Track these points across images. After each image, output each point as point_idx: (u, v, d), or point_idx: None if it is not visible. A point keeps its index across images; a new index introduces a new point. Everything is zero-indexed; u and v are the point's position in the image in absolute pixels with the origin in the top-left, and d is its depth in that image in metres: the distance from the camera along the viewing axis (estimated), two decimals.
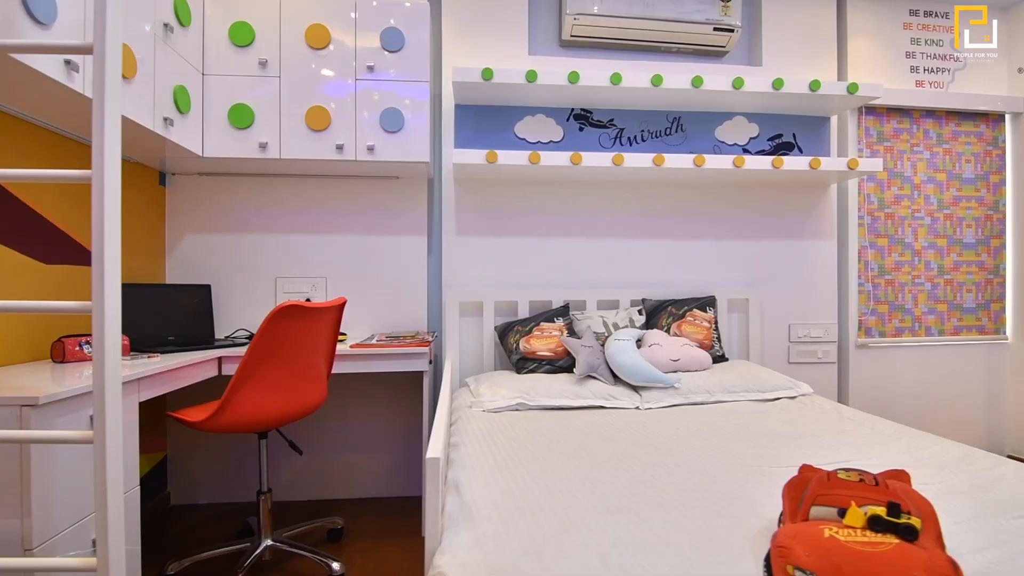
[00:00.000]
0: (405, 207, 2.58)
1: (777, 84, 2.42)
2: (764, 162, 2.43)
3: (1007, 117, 2.95)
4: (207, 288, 2.39)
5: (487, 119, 2.59)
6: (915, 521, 0.76)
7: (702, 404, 2.13)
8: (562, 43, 2.73)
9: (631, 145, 2.67)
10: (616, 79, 2.34)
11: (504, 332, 2.47)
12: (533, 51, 2.73)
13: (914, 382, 2.89)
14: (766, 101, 2.59)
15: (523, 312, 2.56)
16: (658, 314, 2.53)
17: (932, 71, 2.89)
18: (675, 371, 2.30)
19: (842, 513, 0.82)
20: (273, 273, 2.51)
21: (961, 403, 2.94)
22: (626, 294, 2.64)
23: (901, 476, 0.99)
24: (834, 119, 2.82)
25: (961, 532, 1.02)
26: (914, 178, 2.88)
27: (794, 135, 2.76)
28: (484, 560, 0.93)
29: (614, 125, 2.67)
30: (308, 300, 2.50)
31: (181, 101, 1.99)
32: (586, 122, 2.65)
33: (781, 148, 2.76)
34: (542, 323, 2.45)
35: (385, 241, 2.57)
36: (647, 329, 2.49)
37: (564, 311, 2.53)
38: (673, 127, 2.70)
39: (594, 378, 2.22)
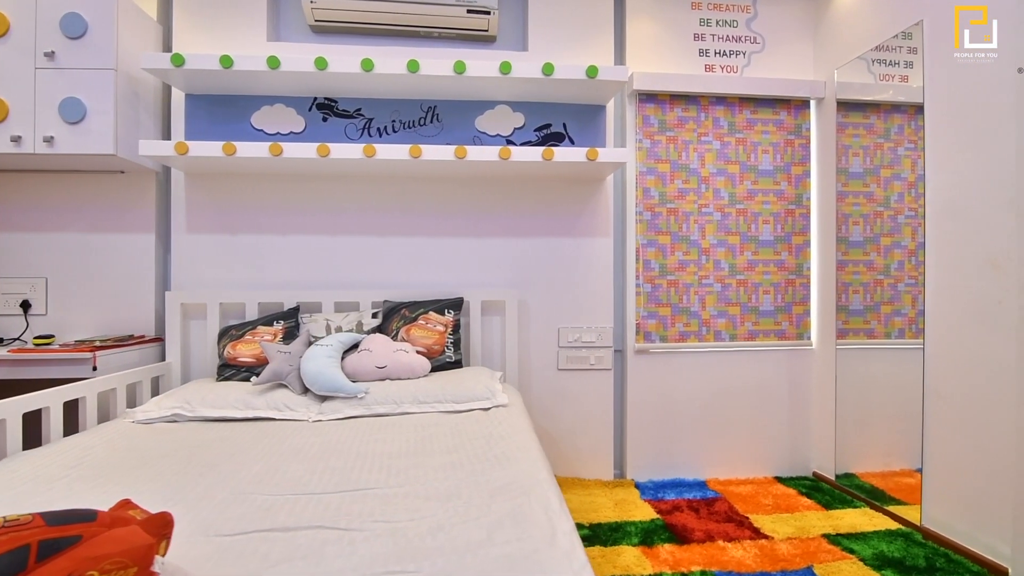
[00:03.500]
0: (131, 203, 2.44)
1: (504, 68, 2.23)
2: (491, 152, 2.24)
3: (812, 103, 2.70)
4: None
5: (223, 109, 2.44)
6: None
7: (386, 416, 1.95)
8: (313, 29, 2.57)
9: (380, 136, 2.50)
10: (321, 64, 2.17)
11: (221, 336, 2.32)
12: (283, 37, 2.58)
13: (703, 392, 2.66)
14: (523, 88, 2.39)
15: (252, 315, 2.41)
16: (391, 317, 2.36)
17: (724, 54, 2.66)
18: (383, 379, 2.14)
19: None
20: None
21: (762, 415, 2.70)
22: (369, 295, 2.47)
23: (151, 523, 0.81)
24: (611, 108, 2.61)
25: None
26: (701, 170, 2.65)
27: (565, 125, 2.56)
28: None
29: (361, 115, 2.50)
30: (26, 302, 2.39)
31: None
32: (330, 112, 2.49)
33: (550, 139, 2.56)
34: (259, 327, 2.30)
35: (110, 239, 2.43)
36: (379, 333, 2.32)
37: (292, 314, 2.37)
38: (428, 117, 2.52)
39: (284, 386, 2.06)
